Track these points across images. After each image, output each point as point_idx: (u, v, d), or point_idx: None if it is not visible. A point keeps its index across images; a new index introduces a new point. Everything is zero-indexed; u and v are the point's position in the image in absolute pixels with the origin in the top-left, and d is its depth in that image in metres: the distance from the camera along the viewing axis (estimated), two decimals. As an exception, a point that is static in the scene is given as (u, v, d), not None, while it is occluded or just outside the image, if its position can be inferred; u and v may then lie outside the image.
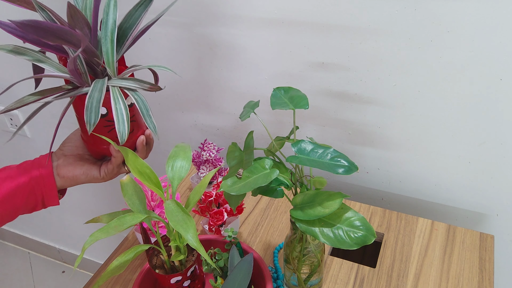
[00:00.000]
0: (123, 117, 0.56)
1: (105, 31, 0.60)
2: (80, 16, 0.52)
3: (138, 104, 0.58)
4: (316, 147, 0.56)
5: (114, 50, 0.60)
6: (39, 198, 0.65)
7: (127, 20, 0.62)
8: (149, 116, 0.59)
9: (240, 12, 0.87)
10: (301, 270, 0.68)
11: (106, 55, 0.60)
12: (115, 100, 0.57)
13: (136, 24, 0.62)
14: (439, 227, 0.86)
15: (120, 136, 0.56)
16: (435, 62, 0.77)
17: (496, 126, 0.79)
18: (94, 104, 0.55)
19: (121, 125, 0.56)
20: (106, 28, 0.60)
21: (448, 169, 0.88)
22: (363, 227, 0.55)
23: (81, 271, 1.87)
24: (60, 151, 0.68)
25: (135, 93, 0.59)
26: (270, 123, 1.00)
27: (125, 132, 0.56)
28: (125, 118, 0.56)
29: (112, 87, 0.57)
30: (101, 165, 0.67)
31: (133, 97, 0.58)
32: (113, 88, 0.57)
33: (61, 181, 0.66)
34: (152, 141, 0.70)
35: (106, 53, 0.60)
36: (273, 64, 0.91)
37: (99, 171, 0.67)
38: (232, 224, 0.85)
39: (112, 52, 0.60)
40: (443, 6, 0.71)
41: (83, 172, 0.66)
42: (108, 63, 0.60)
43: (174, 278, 0.64)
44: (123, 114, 0.56)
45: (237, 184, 0.57)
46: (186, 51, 0.98)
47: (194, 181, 0.97)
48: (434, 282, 0.76)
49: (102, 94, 0.55)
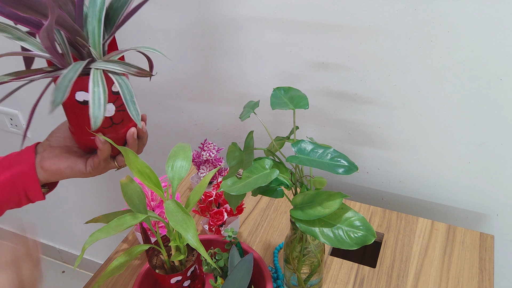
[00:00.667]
0: (99, 101, 0.50)
1: (92, 9, 0.54)
2: None
3: (122, 89, 0.53)
4: (316, 147, 0.56)
5: (101, 30, 0.54)
6: (21, 193, 0.62)
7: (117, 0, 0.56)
8: (133, 102, 0.53)
9: (240, 12, 0.87)
10: (301, 270, 0.68)
11: (92, 35, 0.54)
12: (94, 83, 0.51)
13: (128, 3, 0.56)
14: (439, 227, 0.86)
15: (93, 121, 0.50)
16: (435, 62, 0.77)
17: (496, 126, 0.79)
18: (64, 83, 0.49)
19: (96, 109, 0.50)
20: (94, 5, 0.55)
21: (448, 169, 0.88)
22: (363, 227, 0.55)
23: (81, 271, 1.87)
24: (47, 142, 0.64)
25: (120, 77, 0.54)
26: (270, 123, 1.00)
27: (99, 117, 0.50)
28: (102, 102, 0.50)
29: (95, 69, 0.52)
30: (87, 159, 0.62)
31: (117, 81, 0.53)
32: (95, 71, 0.52)
33: (44, 174, 0.61)
34: (146, 135, 0.64)
35: (92, 32, 0.54)
36: (273, 64, 0.91)
37: (85, 165, 0.61)
38: (232, 224, 0.84)
39: (98, 32, 0.54)
40: (443, 6, 0.71)
41: (67, 165, 0.61)
42: (93, 44, 0.55)
43: (174, 278, 0.64)
44: (100, 97, 0.50)
45: (237, 184, 0.57)
46: (185, 51, 0.98)
47: (194, 181, 0.97)
48: (434, 282, 0.76)
49: (76, 73, 0.50)
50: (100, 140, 0.57)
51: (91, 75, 0.51)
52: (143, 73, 0.54)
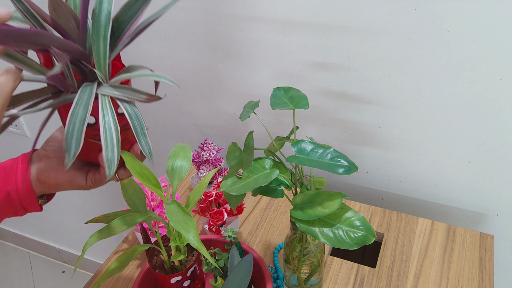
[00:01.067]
0: (112, 140, 0.46)
1: (97, 25, 0.49)
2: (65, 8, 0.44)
3: (132, 120, 0.49)
4: (316, 147, 0.56)
5: (107, 50, 0.49)
6: (18, 205, 0.59)
7: (124, 12, 0.51)
8: (144, 136, 0.49)
9: (240, 12, 0.87)
10: (301, 270, 0.68)
11: (97, 55, 0.49)
12: (103, 114, 0.47)
13: (135, 18, 0.51)
14: (439, 227, 0.86)
15: (108, 166, 0.46)
16: (435, 62, 0.77)
17: (496, 126, 0.79)
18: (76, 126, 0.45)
19: (110, 151, 0.46)
20: (99, 21, 0.49)
21: (448, 169, 0.88)
22: (363, 227, 0.55)
23: (81, 271, 1.87)
24: (42, 151, 0.60)
25: (129, 106, 0.49)
26: (270, 123, 1.00)
27: (114, 161, 0.46)
28: (114, 142, 0.46)
29: (102, 96, 0.48)
30: (88, 172, 0.58)
31: (126, 111, 0.49)
32: (102, 98, 0.48)
33: (41, 187, 0.58)
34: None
35: (97, 53, 0.49)
36: (273, 64, 0.91)
37: (85, 180, 0.57)
38: (232, 224, 0.84)
39: (104, 53, 0.49)
40: (443, 6, 0.71)
41: (66, 180, 0.57)
42: (99, 66, 0.49)
43: (174, 278, 0.64)
44: (112, 135, 0.46)
45: (237, 184, 0.57)
46: (185, 51, 0.98)
47: (194, 181, 0.97)
48: (434, 282, 0.76)
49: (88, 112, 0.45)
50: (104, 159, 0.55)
51: (100, 103, 0.47)
52: (152, 99, 0.49)
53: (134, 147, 0.57)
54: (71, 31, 0.47)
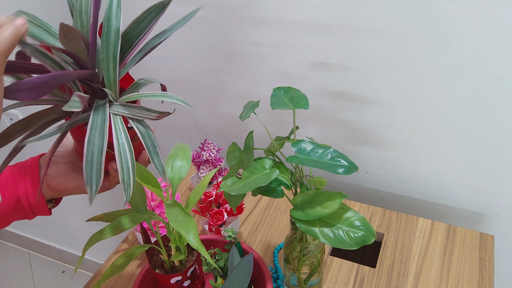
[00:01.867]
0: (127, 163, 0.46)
1: (106, 44, 0.49)
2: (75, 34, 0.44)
3: (144, 139, 0.49)
4: (316, 147, 0.56)
5: (117, 68, 0.49)
6: (27, 209, 0.60)
7: (132, 28, 0.51)
8: (157, 154, 0.49)
9: (240, 12, 0.87)
10: (301, 270, 0.68)
11: (107, 74, 0.49)
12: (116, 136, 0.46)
13: (144, 34, 0.51)
14: (439, 227, 0.86)
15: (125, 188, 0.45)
16: (435, 62, 0.77)
17: (496, 126, 0.79)
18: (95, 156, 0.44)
19: (126, 174, 0.45)
20: (108, 40, 0.49)
21: (448, 169, 0.88)
22: (363, 227, 0.55)
23: (81, 271, 1.87)
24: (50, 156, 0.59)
25: (141, 126, 0.49)
26: (270, 123, 1.00)
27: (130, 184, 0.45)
28: (130, 165, 0.46)
29: (114, 115, 0.48)
30: None
31: (138, 130, 0.49)
32: (114, 118, 0.48)
33: (51, 192, 0.59)
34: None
35: (107, 72, 0.49)
36: (273, 64, 0.91)
37: None
38: (232, 224, 0.84)
39: (114, 71, 0.49)
40: (443, 6, 0.71)
41: (75, 185, 0.58)
42: (109, 84, 0.49)
43: (174, 278, 0.64)
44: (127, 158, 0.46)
45: (237, 184, 0.57)
46: (186, 51, 0.98)
47: (194, 181, 0.97)
48: (434, 282, 0.76)
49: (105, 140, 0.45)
50: (114, 169, 0.55)
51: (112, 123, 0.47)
52: (162, 116, 0.49)
53: (142, 155, 0.58)
54: (80, 53, 0.47)
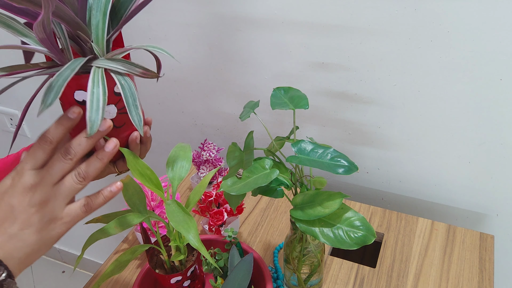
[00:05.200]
0: (98, 103, 0.46)
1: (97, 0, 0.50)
2: None
3: (124, 91, 0.49)
4: (316, 147, 0.56)
5: (106, 24, 0.50)
6: None
7: None
8: (135, 107, 0.49)
9: (240, 12, 0.87)
10: (301, 270, 0.68)
11: (95, 29, 0.50)
12: (93, 83, 0.47)
13: None
14: (439, 227, 0.86)
15: (90, 126, 0.46)
16: (435, 62, 0.77)
17: (496, 126, 0.79)
18: (58, 82, 0.45)
19: (94, 113, 0.46)
20: None
21: (448, 169, 0.88)
22: (363, 227, 0.55)
23: (81, 271, 1.87)
24: None
25: (123, 78, 0.49)
26: (270, 123, 1.00)
27: (96, 121, 0.46)
28: (100, 105, 0.46)
29: (96, 68, 0.48)
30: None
31: (119, 82, 0.49)
32: (96, 70, 0.48)
33: None
34: (149, 140, 0.60)
35: (96, 27, 0.50)
36: (273, 64, 0.91)
37: None
38: (232, 224, 0.85)
39: (103, 27, 0.50)
40: (443, 6, 0.71)
41: None
42: (97, 40, 0.50)
43: (174, 278, 0.64)
44: (99, 99, 0.46)
45: (237, 184, 0.57)
46: (185, 51, 0.98)
47: (194, 181, 0.97)
48: (434, 282, 0.76)
49: (73, 72, 0.46)
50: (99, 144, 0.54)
51: (91, 73, 0.48)
52: (148, 74, 0.50)
53: (132, 135, 0.56)
54: (70, 5, 0.47)
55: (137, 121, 0.49)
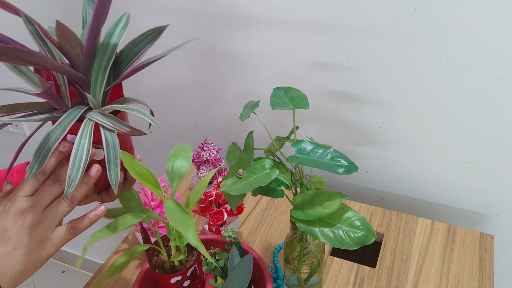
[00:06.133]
0: (80, 161, 0.48)
1: (101, 56, 0.52)
2: (70, 35, 0.46)
3: (107, 148, 0.50)
4: (316, 147, 0.56)
5: (104, 79, 0.52)
6: None
7: (129, 48, 0.55)
8: (115, 165, 0.49)
9: (240, 12, 0.87)
10: (301, 270, 0.68)
11: (94, 82, 0.52)
12: (81, 136, 0.48)
13: (139, 55, 0.54)
14: (439, 227, 0.86)
15: (68, 184, 0.47)
16: (435, 62, 0.77)
17: (496, 126, 0.79)
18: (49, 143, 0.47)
19: (74, 171, 0.47)
20: (104, 53, 0.52)
21: (448, 169, 0.88)
22: (363, 227, 0.55)
23: (81, 271, 1.87)
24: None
25: (110, 134, 0.50)
26: (270, 123, 1.00)
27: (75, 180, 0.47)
28: (81, 164, 0.48)
29: (88, 120, 0.50)
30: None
31: (105, 139, 0.50)
32: (87, 121, 0.49)
33: None
34: (133, 181, 0.60)
35: (95, 80, 0.52)
36: (273, 64, 0.91)
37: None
38: (232, 224, 0.85)
39: (101, 81, 0.52)
40: (443, 6, 0.71)
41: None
42: (94, 92, 0.52)
43: (174, 278, 0.64)
44: (82, 157, 0.48)
45: (237, 184, 0.57)
46: (186, 51, 0.98)
47: (194, 181, 0.97)
48: (434, 282, 0.76)
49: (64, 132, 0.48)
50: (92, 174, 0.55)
51: (82, 126, 0.49)
52: (134, 133, 0.51)
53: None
54: (75, 57, 0.49)
55: (114, 180, 0.50)
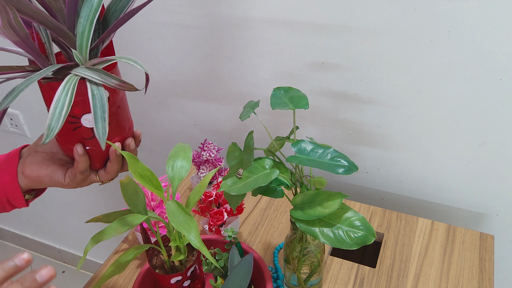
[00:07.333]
0: (61, 112, 0.46)
1: (86, 9, 0.49)
2: None
3: (94, 101, 0.48)
4: (316, 147, 0.56)
5: (91, 32, 0.49)
6: (4, 200, 0.60)
7: (116, 2, 0.52)
8: (103, 119, 0.48)
9: (240, 12, 0.87)
10: (301, 270, 0.68)
11: (80, 37, 0.49)
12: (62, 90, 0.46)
13: (127, 7, 0.52)
14: (439, 227, 0.86)
15: (47, 132, 0.46)
16: (435, 62, 0.77)
17: (496, 126, 0.79)
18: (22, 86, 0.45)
19: (54, 120, 0.46)
20: (89, 5, 0.49)
21: (448, 169, 0.88)
22: (363, 227, 0.55)
23: (81, 271, 1.87)
24: (33, 146, 0.61)
25: (97, 88, 0.48)
26: (270, 123, 1.00)
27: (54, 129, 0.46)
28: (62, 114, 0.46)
29: (73, 75, 0.48)
30: (68, 169, 0.58)
31: (92, 92, 0.48)
32: (71, 77, 0.48)
33: (25, 180, 0.59)
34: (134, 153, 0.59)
35: (81, 35, 0.49)
36: (273, 64, 0.91)
37: (64, 176, 0.58)
38: (232, 224, 0.85)
39: (88, 35, 0.49)
40: (443, 6, 0.71)
41: (47, 174, 0.58)
42: (80, 48, 0.49)
43: (174, 278, 0.64)
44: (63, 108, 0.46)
45: (237, 184, 0.57)
46: (186, 51, 0.98)
47: (194, 181, 0.97)
48: (434, 282, 0.76)
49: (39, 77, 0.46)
50: (77, 152, 0.54)
51: (64, 81, 0.47)
52: (124, 87, 0.49)
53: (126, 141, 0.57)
54: (59, 12, 0.47)
55: (101, 134, 0.48)
